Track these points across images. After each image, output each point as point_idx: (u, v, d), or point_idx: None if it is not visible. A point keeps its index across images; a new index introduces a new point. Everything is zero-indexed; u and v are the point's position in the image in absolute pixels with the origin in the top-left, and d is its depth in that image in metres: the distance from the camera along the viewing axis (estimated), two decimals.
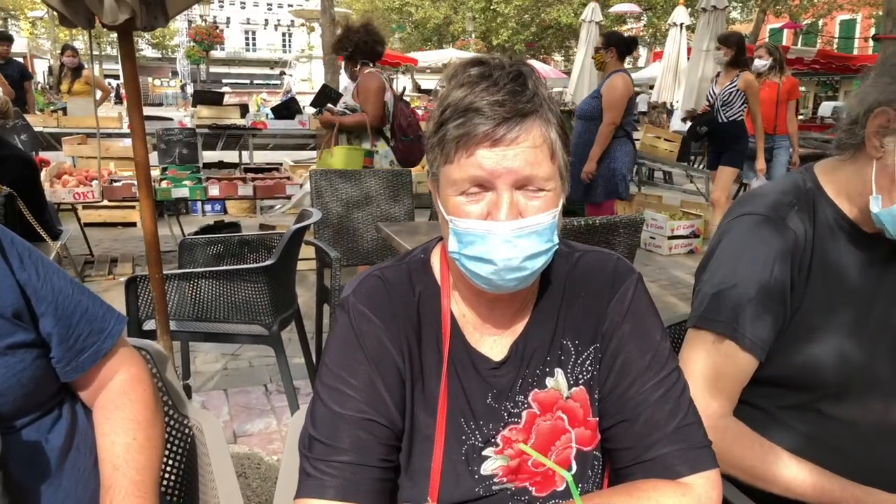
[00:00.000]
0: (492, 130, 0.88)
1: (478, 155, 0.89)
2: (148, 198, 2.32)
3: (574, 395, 1.04)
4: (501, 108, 0.88)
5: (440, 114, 0.93)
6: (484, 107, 0.89)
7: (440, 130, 0.92)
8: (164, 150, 5.34)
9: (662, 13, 22.84)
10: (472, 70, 0.93)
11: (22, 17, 32.07)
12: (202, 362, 3.74)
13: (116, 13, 2.05)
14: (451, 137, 0.90)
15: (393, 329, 1.01)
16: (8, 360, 1.04)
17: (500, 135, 0.88)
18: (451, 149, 0.91)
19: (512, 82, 0.91)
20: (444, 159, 0.93)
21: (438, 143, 0.93)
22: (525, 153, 0.89)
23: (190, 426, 1.42)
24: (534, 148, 0.90)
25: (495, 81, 0.91)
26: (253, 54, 62.18)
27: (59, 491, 1.07)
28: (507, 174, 0.89)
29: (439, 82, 1.07)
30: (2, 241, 1.09)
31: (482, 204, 0.92)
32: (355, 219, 3.97)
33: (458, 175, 0.91)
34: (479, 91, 0.90)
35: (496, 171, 0.89)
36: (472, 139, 0.89)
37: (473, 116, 0.89)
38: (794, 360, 1.26)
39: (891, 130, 1.16)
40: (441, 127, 0.92)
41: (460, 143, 0.90)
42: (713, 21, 8.64)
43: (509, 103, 0.89)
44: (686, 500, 0.94)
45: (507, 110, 0.89)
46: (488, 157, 0.89)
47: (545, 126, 0.92)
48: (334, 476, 0.95)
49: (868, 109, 1.19)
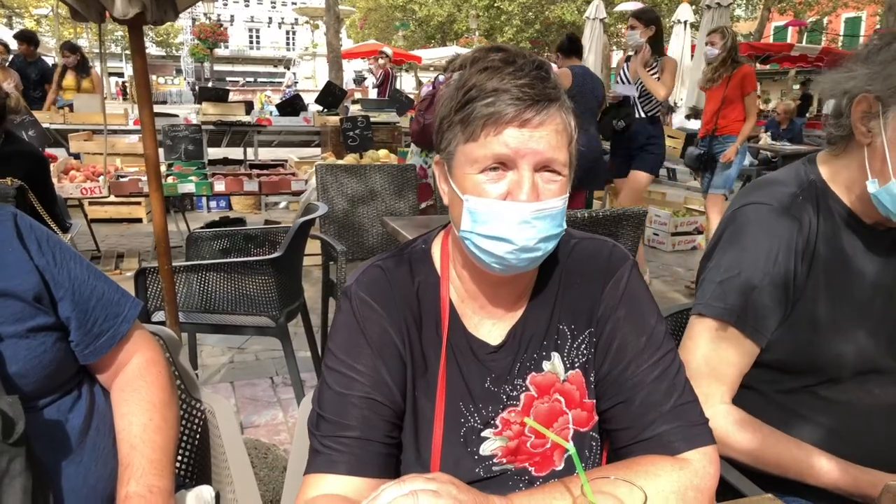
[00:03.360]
0: (522, 111, 0.91)
1: (505, 134, 0.92)
2: (157, 191, 2.35)
3: (570, 378, 1.07)
4: (531, 91, 0.92)
5: (463, 94, 0.95)
6: (512, 88, 0.92)
7: (465, 109, 0.94)
8: (169, 147, 5.37)
9: (667, 11, 22.80)
10: (496, 55, 0.96)
11: (27, 15, 32.16)
12: (209, 355, 3.78)
13: (127, 7, 2.08)
14: (480, 115, 0.92)
15: (394, 316, 1.04)
16: (29, 342, 1.07)
17: (528, 116, 0.91)
18: (478, 126, 0.93)
19: (536, 70, 0.94)
20: (466, 137, 0.95)
21: (461, 121, 0.95)
22: (549, 136, 0.93)
23: (202, 409, 1.45)
24: (556, 133, 0.93)
25: (520, 67, 0.94)
26: (257, 52, 62.23)
27: (80, 468, 1.10)
28: (532, 154, 0.92)
29: (451, 68, 1.10)
30: (20, 228, 1.12)
31: (502, 184, 0.94)
32: (360, 213, 4.01)
33: (482, 152, 0.93)
34: (505, 74, 0.93)
35: (521, 150, 0.92)
36: (503, 118, 0.92)
37: (503, 95, 0.92)
38: (796, 347, 1.29)
39: (874, 114, 1.20)
40: (466, 105, 0.94)
41: (489, 120, 0.92)
42: (717, 18, 8.64)
43: (538, 87, 0.92)
44: (683, 473, 0.96)
45: (537, 93, 0.92)
46: (515, 136, 0.92)
47: (566, 114, 0.96)
48: (342, 452, 0.98)
49: (850, 99, 1.22)
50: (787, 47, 15.93)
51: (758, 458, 1.27)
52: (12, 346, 1.05)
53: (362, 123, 6.06)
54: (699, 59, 8.51)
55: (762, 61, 15.91)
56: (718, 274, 1.32)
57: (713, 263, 1.35)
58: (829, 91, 1.27)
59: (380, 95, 9.93)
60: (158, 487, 1.11)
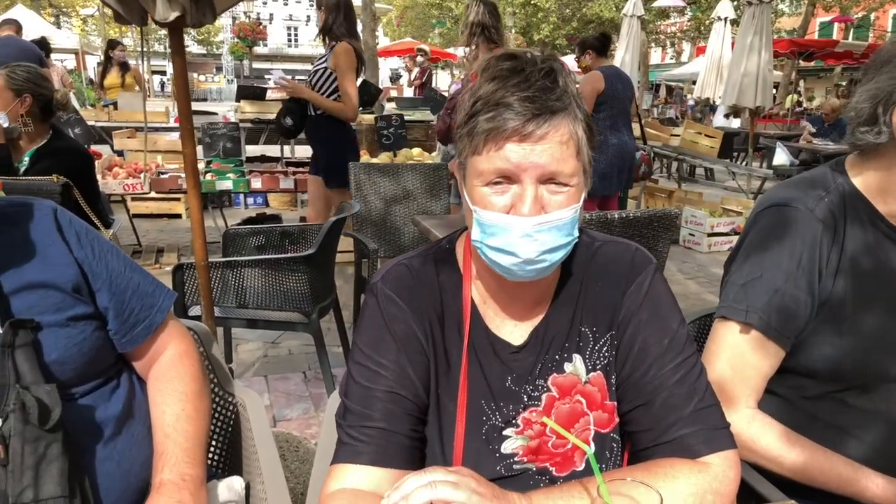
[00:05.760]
0: (521, 126, 0.91)
1: (506, 149, 0.93)
2: (195, 188, 2.42)
3: (592, 379, 1.08)
4: (532, 105, 0.91)
5: (471, 105, 0.96)
6: (514, 102, 0.92)
7: (470, 122, 0.96)
8: (208, 144, 5.50)
9: (707, 7, 22.41)
10: (505, 64, 0.96)
11: (74, 15, 33.06)
12: (243, 350, 3.86)
13: (168, 11, 2.14)
14: (481, 130, 0.94)
15: (418, 314, 1.06)
16: (69, 330, 1.13)
17: (528, 130, 0.91)
18: (480, 141, 0.94)
19: (543, 79, 0.94)
20: (472, 150, 0.96)
21: (468, 133, 0.96)
22: (552, 149, 0.93)
23: (234, 402, 1.50)
24: (560, 144, 0.93)
25: (527, 77, 0.93)
26: (295, 50, 62.89)
27: (115, 454, 1.16)
28: (533, 168, 0.93)
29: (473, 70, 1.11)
30: (60, 222, 1.18)
31: (507, 196, 0.95)
32: (394, 212, 4.05)
33: (486, 166, 0.95)
34: (510, 86, 0.93)
35: (522, 164, 0.93)
36: (502, 133, 0.92)
37: (504, 111, 0.92)
38: (822, 352, 1.27)
39: None
40: (471, 118, 0.96)
41: (489, 136, 0.93)
42: (758, 15, 8.45)
43: (539, 100, 0.92)
44: (702, 476, 0.97)
45: (537, 107, 0.92)
46: (516, 151, 0.92)
47: (573, 123, 0.95)
48: (367, 443, 1.00)
49: (886, 103, 1.19)
50: (832, 44, 15.52)
51: (782, 463, 1.26)
52: (52, 334, 1.10)
53: (397, 122, 6.10)
54: (739, 56, 8.34)
55: (805, 58, 15.55)
56: (741, 276, 1.32)
57: (736, 266, 1.35)
58: (856, 99, 1.25)
59: (416, 94, 9.95)
60: (191, 476, 1.16)
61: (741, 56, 8.24)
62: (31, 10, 17.63)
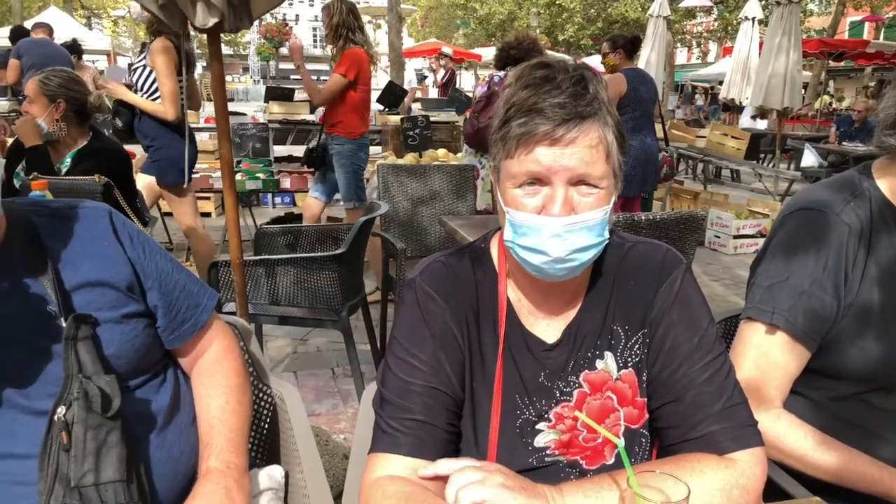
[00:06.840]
0: (552, 130, 0.96)
1: (537, 152, 0.97)
2: (231, 188, 2.49)
3: (623, 376, 1.11)
4: (562, 111, 0.96)
5: (505, 112, 1.01)
6: (546, 108, 0.96)
7: (504, 127, 1.01)
8: (238, 144, 5.60)
9: (734, 7, 22.17)
10: (538, 72, 1.01)
11: (105, 16, 33.65)
12: (273, 347, 3.94)
13: (207, 17, 2.21)
14: (514, 135, 0.99)
15: (455, 310, 1.11)
16: (123, 327, 1.19)
17: (559, 135, 0.96)
18: (513, 145, 0.99)
19: (574, 86, 0.98)
20: (505, 154, 1.01)
21: (502, 138, 1.02)
22: (581, 153, 0.97)
23: (272, 395, 1.56)
24: (590, 148, 0.97)
25: (558, 84, 0.98)
26: (321, 51, 63.30)
27: (165, 442, 1.22)
28: (563, 171, 0.97)
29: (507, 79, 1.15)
30: (115, 223, 1.24)
31: (538, 198, 1.00)
32: (421, 213, 4.10)
33: (518, 169, 1.00)
34: (542, 93, 0.98)
35: (553, 167, 0.97)
36: (533, 137, 0.97)
37: (535, 116, 0.97)
38: (848, 353, 1.29)
39: None
40: (505, 124, 1.01)
41: (521, 140, 0.98)
42: (787, 15, 8.35)
43: (570, 106, 0.96)
44: (729, 472, 1.00)
45: (568, 112, 0.96)
46: (547, 154, 0.97)
47: (602, 128, 0.99)
48: (406, 434, 1.05)
49: None
50: (863, 44, 15.29)
51: (808, 462, 1.28)
52: (108, 330, 1.16)
53: (422, 123, 6.15)
54: (767, 57, 8.25)
55: (835, 58, 15.33)
56: (767, 278, 1.34)
57: (762, 268, 1.37)
58: (884, 104, 1.27)
59: (441, 94, 9.99)
60: (235, 464, 1.22)
61: (769, 56, 8.16)
62: (63, 12, 18.03)
